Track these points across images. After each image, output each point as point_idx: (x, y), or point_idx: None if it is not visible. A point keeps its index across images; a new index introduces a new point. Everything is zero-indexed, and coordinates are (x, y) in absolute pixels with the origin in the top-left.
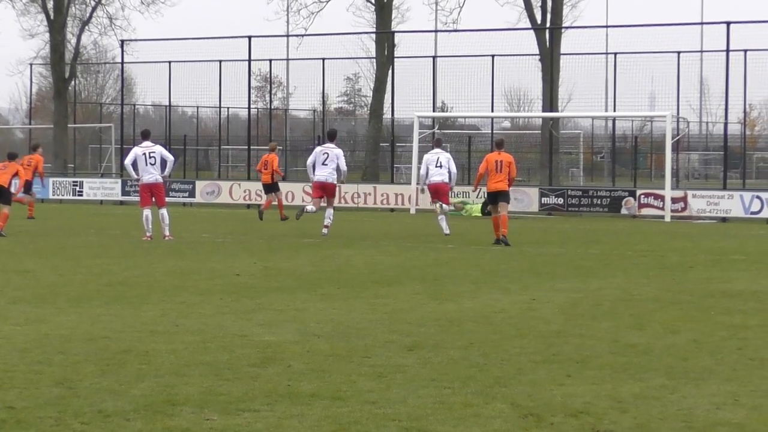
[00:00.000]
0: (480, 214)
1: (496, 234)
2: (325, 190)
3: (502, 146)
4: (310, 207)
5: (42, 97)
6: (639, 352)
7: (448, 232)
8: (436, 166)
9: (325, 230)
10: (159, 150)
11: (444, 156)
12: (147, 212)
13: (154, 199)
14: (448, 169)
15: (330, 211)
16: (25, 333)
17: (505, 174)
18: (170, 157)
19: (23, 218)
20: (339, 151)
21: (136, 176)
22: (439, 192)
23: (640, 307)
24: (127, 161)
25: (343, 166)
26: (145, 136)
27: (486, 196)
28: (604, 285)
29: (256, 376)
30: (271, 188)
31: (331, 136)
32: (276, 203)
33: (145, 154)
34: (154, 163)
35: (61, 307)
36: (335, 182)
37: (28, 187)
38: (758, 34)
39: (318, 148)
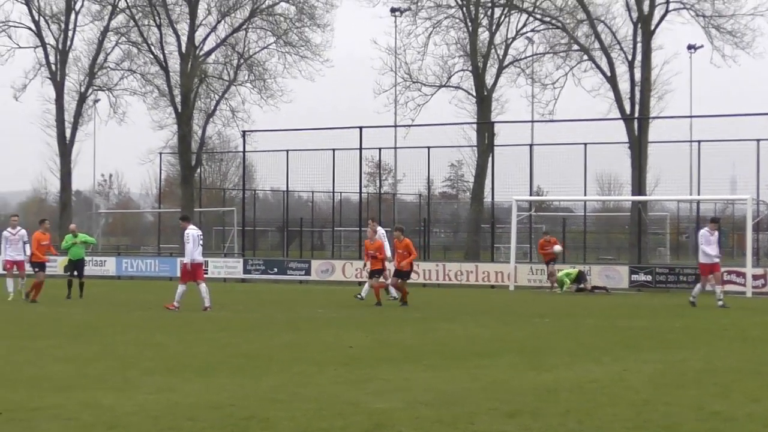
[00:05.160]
0: (567, 287)
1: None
2: None
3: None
4: None
5: (170, 183)
6: (723, 419)
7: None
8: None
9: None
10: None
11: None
12: (185, 287)
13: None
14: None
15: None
16: (157, 401)
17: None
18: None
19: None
20: None
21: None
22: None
23: (723, 377)
24: (192, 241)
25: None
26: (188, 219)
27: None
28: (690, 356)
29: None
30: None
31: None
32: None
33: (200, 235)
34: (203, 244)
35: (189, 377)
36: None
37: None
38: None
39: None
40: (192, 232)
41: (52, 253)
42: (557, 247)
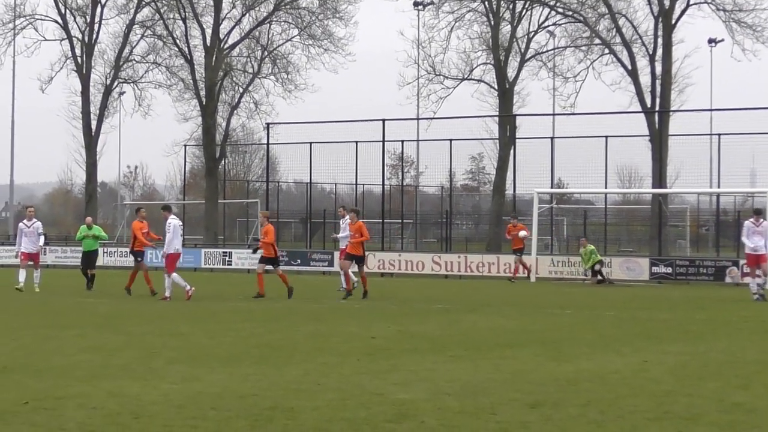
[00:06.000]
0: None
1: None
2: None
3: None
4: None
5: (194, 175)
6: (744, 410)
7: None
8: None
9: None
10: None
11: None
12: (176, 275)
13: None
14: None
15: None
16: (181, 391)
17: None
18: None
19: None
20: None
21: (178, 245)
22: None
23: (745, 369)
24: (173, 231)
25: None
26: (169, 209)
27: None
28: (711, 348)
29: None
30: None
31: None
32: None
33: (181, 226)
34: (183, 235)
35: (213, 367)
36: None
37: None
38: None
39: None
40: (173, 222)
41: (153, 238)
42: (522, 233)
